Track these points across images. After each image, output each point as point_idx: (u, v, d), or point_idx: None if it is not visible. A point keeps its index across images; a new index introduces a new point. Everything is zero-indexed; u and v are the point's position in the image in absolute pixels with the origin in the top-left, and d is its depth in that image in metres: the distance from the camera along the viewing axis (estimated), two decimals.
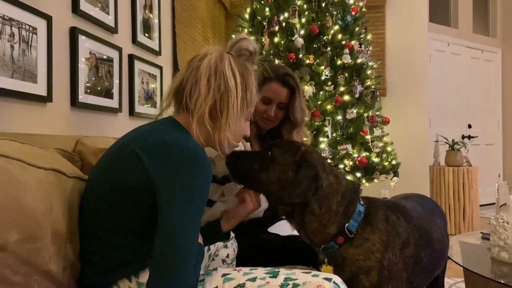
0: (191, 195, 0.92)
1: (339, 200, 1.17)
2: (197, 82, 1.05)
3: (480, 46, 5.59)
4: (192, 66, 1.09)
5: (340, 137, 3.14)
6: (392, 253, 1.16)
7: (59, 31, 1.68)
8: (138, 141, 1.00)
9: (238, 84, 1.07)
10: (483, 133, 5.60)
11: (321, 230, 1.17)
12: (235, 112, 1.07)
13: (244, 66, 1.11)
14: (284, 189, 1.15)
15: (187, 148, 0.96)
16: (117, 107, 2.11)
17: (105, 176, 1.02)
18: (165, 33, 2.78)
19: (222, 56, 1.09)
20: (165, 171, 0.93)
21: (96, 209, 1.02)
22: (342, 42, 3.20)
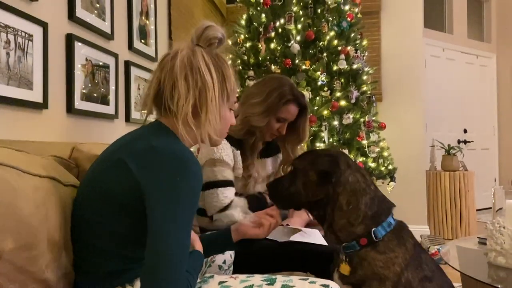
0: (180, 201, 0.91)
1: (368, 202, 1.19)
2: (175, 83, 1.02)
3: (474, 51, 5.63)
4: (166, 66, 1.05)
5: (336, 142, 3.14)
6: (412, 275, 1.15)
7: (55, 38, 1.68)
8: (126, 148, 1.00)
9: (214, 78, 1.04)
10: (479, 138, 5.63)
11: (348, 228, 1.19)
12: (214, 107, 1.04)
13: (218, 57, 1.09)
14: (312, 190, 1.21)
15: (174, 153, 0.95)
16: (113, 113, 2.10)
17: (95, 185, 1.01)
18: (161, 39, 2.78)
19: (194, 50, 1.05)
20: (153, 177, 0.92)
21: (88, 217, 1.01)
22: (338, 48, 3.21)
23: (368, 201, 1.20)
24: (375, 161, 3.22)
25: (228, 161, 1.59)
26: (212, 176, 1.55)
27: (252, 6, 3.41)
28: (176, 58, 1.04)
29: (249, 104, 1.65)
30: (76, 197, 1.08)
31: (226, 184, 1.55)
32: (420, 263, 1.19)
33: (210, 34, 1.08)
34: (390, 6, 4.29)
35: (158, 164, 0.93)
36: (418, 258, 1.19)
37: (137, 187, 0.93)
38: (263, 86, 1.70)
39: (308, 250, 1.56)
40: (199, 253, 1.07)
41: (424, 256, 1.22)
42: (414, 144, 4.19)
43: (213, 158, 1.56)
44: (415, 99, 4.23)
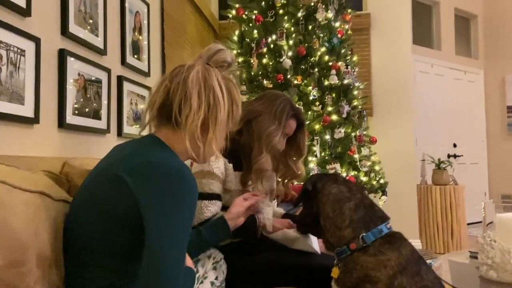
0: (177, 216, 0.92)
1: (351, 207, 1.28)
2: (186, 96, 1.03)
3: (462, 67, 5.74)
4: (177, 78, 1.06)
5: (328, 156, 3.16)
6: (408, 281, 1.15)
7: (47, 53, 1.68)
8: (122, 163, 0.99)
9: (225, 98, 1.07)
10: (468, 152, 5.69)
11: (336, 232, 1.28)
12: (222, 126, 1.07)
13: (229, 80, 1.12)
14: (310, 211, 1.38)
15: (171, 168, 0.95)
16: (105, 128, 2.10)
17: (89, 199, 1.01)
18: (154, 55, 2.80)
19: (208, 69, 1.08)
20: (150, 192, 0.93)
21: (81, 232, 1.00)
22: (329, 63, 3.25)
23: (352, 206, 1.29)
24: (367, 175, 3.24)
25: (219, 174, 1.58)
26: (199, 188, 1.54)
27: (244, 22, 3.45)
28: (190, 71, 1.06)
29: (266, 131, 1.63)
30: (69, 213, 1.08)
31: (211, 197, 1.54)
32: (419, 271, 1.19)
33: (221, 57, 1.12)
34: (379, 23, 4.37)
35: (155, 179, 0.94)
36: (416, 266, 1.20)
37: (134, 202, 0.93)
38: (269, 104, 1.69)
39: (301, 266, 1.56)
40: (191, 269, 1.07)
41: (424, 267, 1.22)
42: (405, 158, 4.23)
43: (203, 170, 1.55)
44: (405, 114, 4.29)
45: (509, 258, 1.42)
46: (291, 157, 1.79)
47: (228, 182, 1.61)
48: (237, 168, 1.64)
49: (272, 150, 1.66)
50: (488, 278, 1.48)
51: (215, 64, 1.12)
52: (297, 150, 1.77)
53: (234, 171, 1.63)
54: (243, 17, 3.45)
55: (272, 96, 1.74)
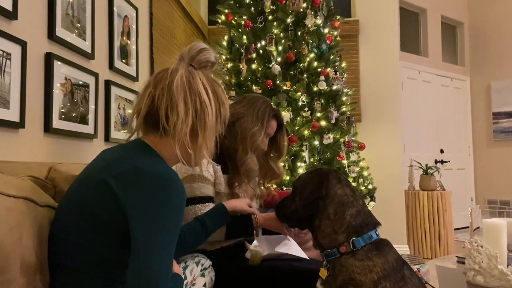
0: (163, 222, 0.90)
1: (353, 213, 1.28)
2: (172, 103, 1.01)
3: (449, 74, 5.82)
4: (161, 84, 1.04)
5: (317, 162, 3.17)
6: (391, 285, 1.18)
7: (34, 56, 1.66)
8: (108, 169, 0.98)
9: (212, 102, 1.05)
10: (455, 158, 5.76)
11: (332, 235, 1.27)
12: (211, 130, 1.06)
13: (214, 81, 1.10)
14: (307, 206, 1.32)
15: (158, 173, 0.94)
16: (92, 133, 2.08)
17: (75, 206, 0.99)
18: (142, 59, 2.78)
19: (192, 72, 1.06)
20: (136, 198, 0.91)
21: (67, 238, 0.99)
22: (318, 69, 3.27)
23: (354, 213, 1.28)
24: (355, 181, 3.25)
25: (208, 176, 1.58)
26: (191, 193, 1.54)
27: (234, 27, 3.46)
28: (173, 76, 1.04)
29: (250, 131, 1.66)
30: (54, 218, 1.06)
31: (204, 200, 1.54)
32: (403, 277, 1.22)
33: (204, 57, 1.09)
34: (367, 30, 4.41)
35: (141, 185, 0.92)
36: (400, 271, 1.22)
37: (120, 208, 0.92)
38: (250, 106, 1.73)
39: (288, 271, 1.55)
40: (178, 276, 1.06)
41: (408, 273, 1.25)
42: (393, 164, 4.26)
43: (193, 174, 1.55)
44: (393, 120, 4.33)
45: (495, 263, 1.43)
46: (271, 157, 1.81)
47: (217, 184, 1.62)
48: (224, 171, 1.65)
49: (257, 150, 1.69)
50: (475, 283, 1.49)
51: (199, 64, 1.09)
52: (277, 150, 1.81)
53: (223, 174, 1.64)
54: (232, 23, 3.46)
55: (252, 98, 1.77)
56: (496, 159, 5.78)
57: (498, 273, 1.43)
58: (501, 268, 1.42)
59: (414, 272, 1.28)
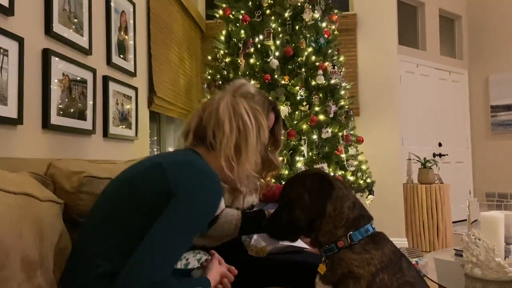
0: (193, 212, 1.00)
1: (350, 205, 1.29)
2: (219, 123, 1.18)
3: (447, 67, 5.82)
4: (209, 107, 1.23)
5: (316, 156, 3.17)
6: (389, 278, 1.19)
7: (31, 52, 1.66)
8: (165, 157, 1.13)
9: (253, 124, 1.21)
10: (453, 151, 5.78)
11: (332, 231, 1.27)
12: (253, 148, 1.21)
13: (254, 108, 1.26)
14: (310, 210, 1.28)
15: (208, 172, 1.08)
16: (90, 128, 2.07)
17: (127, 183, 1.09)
18: (140, 55, 2.78)
19: (236, 99, 1.24)
20: (183, 184, 1.02)
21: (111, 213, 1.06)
22: (316, 63, 3.27)
23: (350, 205, 1.29)
24: (354, 175, 3.26)
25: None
26: None
27: (231, 22, 3.45)
28: (220, 102, 1.22)
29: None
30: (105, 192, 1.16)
31: None
32: (400, 268, 1.23)
33: (245, 89, 1.31)
34: (365, 23, 4.40)
35: (191, 175, 1.05)
36: (398, 263, 1.23)
37: (167, 189, 1.01)
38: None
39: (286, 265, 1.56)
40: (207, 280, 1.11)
41: (405, 264, 1.26)
42: (391, 158, 4.27)
43: None
44: (391, 114, 4.33)
45: (493, 256, 1.45)
46: (269, 150, 1.81)
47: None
48: None
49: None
50: (473, 276, 1.51)
51: (242, 95, 1.28)
52: (275, 142, 1.80)
53: None
54: (230, 17, 3.45)
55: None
56: (494, 152, 5.80)
57: (495, 266, 1.44)
58: (498, 260, 1.44)
59: (411, 264, 1.29)
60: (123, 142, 2.50)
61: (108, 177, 1.46)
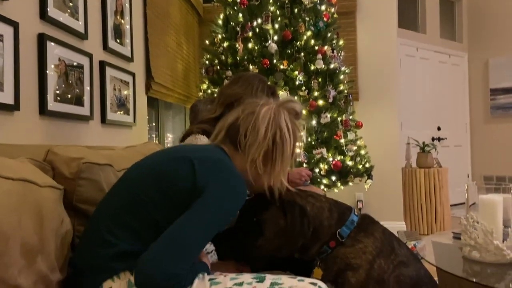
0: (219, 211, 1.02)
1: (328, 215, 1.26)
2: (255, 128, 1.17)
3: (447, 50, 5.78)
4: (249, 109, 1.21)
5: (315, 141, 3.17)
6: (385, 261, 1.20)
7: (26, 37, 1.63)
8: (194, 152, 1.12)
9: (291, 137, 1.20)
10: (452, 135, 5.78)
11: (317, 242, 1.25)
12: (287, 161, 1.20)
13: (295, 124, 1.25)
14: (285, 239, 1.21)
15: (236, 173, 1.10)
16: (88, 114, 2.06)
17: (155, 169, 1.11)
18: (137, 39, 2.74)
19: (279, 110, 1.21)
20: (213, 180, 1.04)
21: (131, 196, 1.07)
22: (315, 47, 3.24)
23: (327, 214, 1.27)
24: (353, 160, 3.26)
25: None
26: None
27: (229, 5, 3.40)
28: (262, 107, 1.20)
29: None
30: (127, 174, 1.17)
31: None
32: (393, 249, 1.24)
33: (292, 106, 1.26)
34: (365, 6, 4.35)
35: (220, 172, 1.07)
36: (390, 245, 1.24)
37: (192, 183, 1.03)
38: (247, 85, 1.75)
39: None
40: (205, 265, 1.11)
41: (396, 243, 1.27)
42: (390, 142, 4.27)
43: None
44: (391, 98, 4.31)
45: (491, 239, 1.45)
46: None
47: None
48: None
49: None
50: (471, 258, 1.52)
51: (287, 110, 1.24)
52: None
53: None
54: (228, 0, 3.40)
55: (248, 78, 1.79)
56: (493, 135, 5.80)
57: (493, 248, 1.45)
58: (496, 243, 1.44)
59: (401, 241, 1.30)
60: (121, 128, 2.49)
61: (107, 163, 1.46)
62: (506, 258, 1.44)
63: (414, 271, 1.23)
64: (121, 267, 1.03)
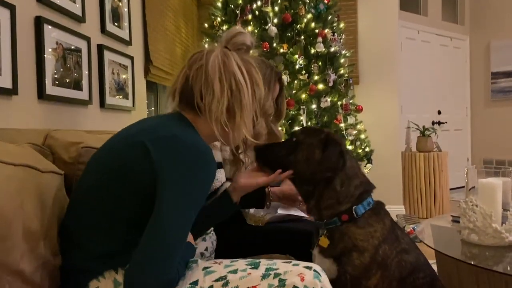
0: (190, 191, 0.94)
1: (357, 184, 1.28)
2: (208, 83, 1.04)
3: (449, 33, 5.72)
4: (195, 64, 1.07)
5: (315, 125, 3.16)
6: (389, 247, 1.22)
7: (23, 20, 1.61)
8: (147, 133, 1.00)
9: (247, 82, 1.07)
10: (452, 119, 5.77)
11: (335, 206, 1.25)
12: (248, 109, 1.08)
13: (248, 62, 1.11)
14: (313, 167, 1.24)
15: (196, 146, 0.98)
16: (87, 99, 2.05)
17: (108, 163, 1.02)
18: (135, 22, 2.71)
19: (226, 53, 1.08)
20: (170, 164, 0.94)
21: (94, 194, 1.01)
22: (315, 30, 3.20)
23: (357, 183, 1.28)
24: (353, 144, 3.26)
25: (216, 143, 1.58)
26: None
27: None
28: (208, 57, 1.06)
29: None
30: (83, 173, 1.09)
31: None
32: (397, 237, 1.27)
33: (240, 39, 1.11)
34: None
35: (176, 151, 0.95)
36: (394, 233, 1.27)
37: (152, 169, 0.94)
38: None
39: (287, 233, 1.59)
40: (190, 244, 1.08)
41: (399, 232, 1.30)
42: (390, 126, 4.26)
43: None
44: (391, 82, 4.29)
45: (490, 222, 1.46)
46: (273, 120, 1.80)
47: (224, 150, 1.62)
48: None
49: (265, 115, 1.67)
50: (470, 241, 1.53)
51: (234, 47, 1.11)
52: (277, 113, 1.79)
53: None
54: None
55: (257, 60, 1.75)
56: (493, 119, 5.79)
57: (492, 231, 1.46)
58: (495, 226, 1.45)
59: (403, 230, 1.33)
60: (120, 113, 2.47)
61: None
62: (504, 241, 1.45)
63: (414, 258, 1.26)
64: (103, 267, 0.99)
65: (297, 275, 0.97)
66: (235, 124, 1.07)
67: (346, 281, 1.20)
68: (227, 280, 0.98)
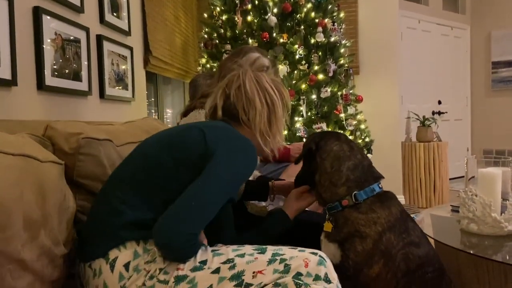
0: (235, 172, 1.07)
1: (350, 167, 1.30)
2: (249, 100, 1.24)
3: (449, 23, 5.68)
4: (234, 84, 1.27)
5: (315, 116, 3.16)
6: (396, 237, 1.21)
7: (21, 11, 1.60)
8: (202, 123, 1.19)
9: (278, 97, 1.28)
10: (452, 109, 5.76)
11: (331, 188, 1.30)
12: (281, 119, 1.29)
13: (275, 80, 1.32)
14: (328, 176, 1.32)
15: (245, 139, 1.15)
16: (86, 90, 2.05)
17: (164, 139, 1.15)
18: (134, 13, 2.69)
19: (257, 74, 1.29)
20: (221, 144, 1.09)
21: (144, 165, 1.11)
22: (315, 20, 3.18)
23: (350, 166, 1.30)
24: (353, 134, 3.26)
25: None
26: None
27: None
28: (243, 78, 1.27)
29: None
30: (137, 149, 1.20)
31: None
32: (406, 229, 1.25)
33: (261, 63, 1.41)
34: None
35: (228, 138, 1.13)
36: (404, 223, 1.26)
37: (204, 146, 1.08)
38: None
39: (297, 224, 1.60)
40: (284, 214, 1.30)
41: (411, 224, 1.29)
42: (390, 116, 4.26)
43: None
44: (391, 72, 4.27)
45: (489, 211, 1.47)
46: None
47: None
48: None
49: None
50: (469, 231, 1.54)
51: (258, 69, 1.34)
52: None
53: None
54: None
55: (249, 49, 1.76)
56: (493, 109, 5.78)
57: (491, 221, 1.47)
58: (494, 215, 1.46)
59: (417, 224, 1.31)
60: (120, 104, 2.47)
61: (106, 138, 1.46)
62: (503, 231, 1.46)
63: (424, 252, 1.24)
64: (129, 236, 1.05)
65: (302, 261, 0.99)
66: (272, 132, 1.27)
67: (349, 266, 1.21)
68: (234, 263, 1.00)
